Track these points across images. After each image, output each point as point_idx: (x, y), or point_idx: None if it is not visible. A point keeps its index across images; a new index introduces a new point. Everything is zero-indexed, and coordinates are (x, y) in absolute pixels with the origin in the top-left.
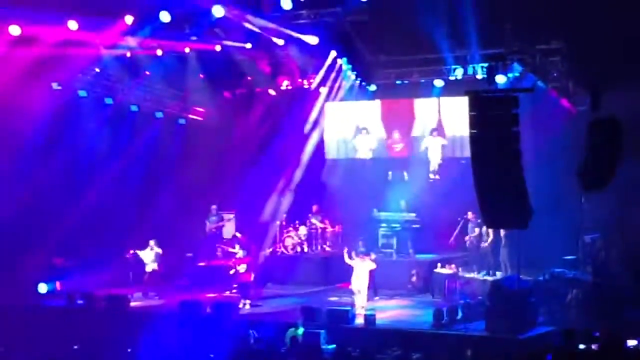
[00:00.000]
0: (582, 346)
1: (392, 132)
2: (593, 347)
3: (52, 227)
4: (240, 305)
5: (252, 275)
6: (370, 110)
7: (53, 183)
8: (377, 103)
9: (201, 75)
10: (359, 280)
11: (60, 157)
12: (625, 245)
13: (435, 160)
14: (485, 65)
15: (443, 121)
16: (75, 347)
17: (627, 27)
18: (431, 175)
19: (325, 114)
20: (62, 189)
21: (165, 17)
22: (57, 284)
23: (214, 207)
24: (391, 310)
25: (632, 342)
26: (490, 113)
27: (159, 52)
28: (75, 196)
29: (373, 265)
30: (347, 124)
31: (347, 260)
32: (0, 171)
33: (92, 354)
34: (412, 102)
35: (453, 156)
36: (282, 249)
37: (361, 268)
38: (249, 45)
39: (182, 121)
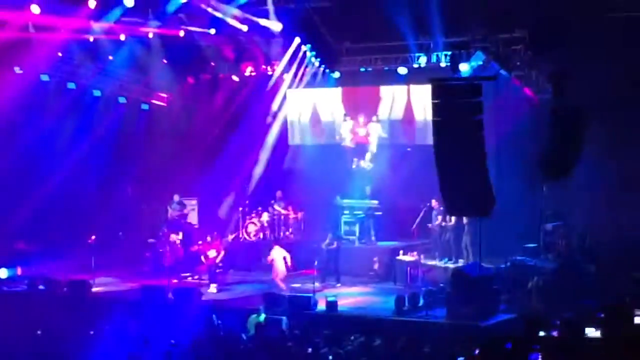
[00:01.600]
0: (542, 333)
1: (356, 116)
2: (553, 334)
3: (14, 212)
4: (210, 290)
5: (220, 257)
6: (334, 96)
7: (15, 167)
8: (339, 90)
9: (164, 61)
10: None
11: (22, 142)
12: (585, 234)
13: (399, 146)
14: (449, 53)
15: (413, 105)
16: (39, 332)
17: (589, 15)
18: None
19: (288, 100)
20: (24, 173)
21: (128, 2)
22: (18, 269)
23: (176, 196)
24: (353, 297)
25: (590, 330)
26: (454, 101)
27: (122, 37)
28: (37, 181)
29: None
30: (312, 110)
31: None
32: None
33: (53, 339)
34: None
35: (423, 143)
36: (245, 236)
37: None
38: (212, 31)
39: (145, 106)
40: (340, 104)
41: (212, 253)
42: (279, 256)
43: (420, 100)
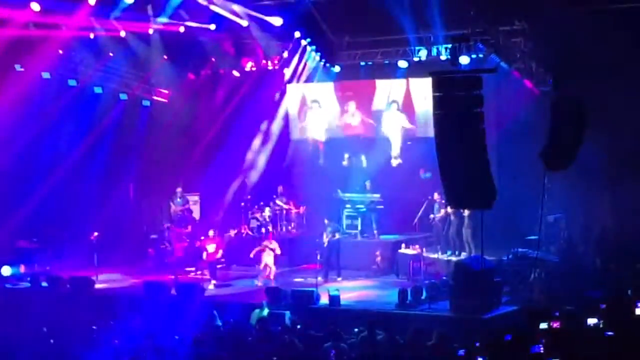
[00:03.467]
0: (543, 325)
1: (346, 105)
2: (554, 325)
3: (16, 210)
4: (209, 286)
5: (220, 253)
6: (329, 89)
7: (16, 165)
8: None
9: (165, 57)
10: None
11: (24, 139)
12: (587, 225)
13: (396, 141)
14: (449, 46)
15: (412, 96)
16: (44, 329)
17: (589, 7)
18: (393, 161)
19: (288, 95)
20: (26, 171)
21: None
22: (21, 267)
23: (179, 189)
24: (356, 291)
25: (592, 321)
26: (454, 94)
27: (123, 34)
28: (39, 178)
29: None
30: (310, 104)
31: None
32: None
33: (57, 336)
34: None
35: (425, 136)
36: (247, 231)
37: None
38: (213, 27)
39: (146, 103)
40: (334, 96)
41: (211, 248)
42: (269, 256)
43: (421, 92)
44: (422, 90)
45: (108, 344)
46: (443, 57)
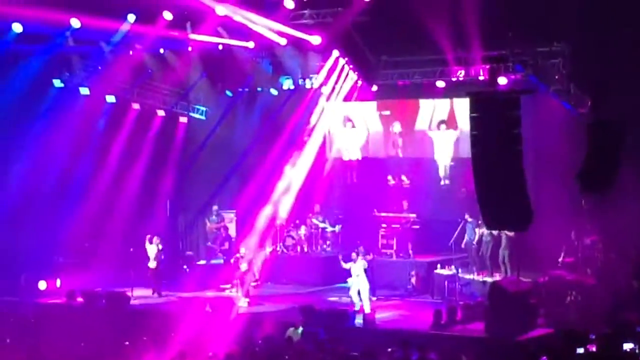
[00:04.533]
0: (580, 350)
1: (390, 126)
2: (590, 348)
3: (54, 225)
4: (240, 304)
5: (255, 274)
6: (370, 108)
7: (55, 180)
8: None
9: (203, 74)
10: (357, 284)
11: (62, 154)
12: (624, 247)
13: (443, 160)
14: (487, 66)
15: (457, 116)
16: (82, 344)
17: (629, 29)
18: (442, 182)
19: (326, 114)
20: (64, 187)
21: (168, 15)
22: (57, 281)
23: (215, 207)
24: (391, 311)
25: (628, 346)
26: (492, 114)
27: (162, 51)
28: (76, 194)
29: (365, 264)
30: (349, 123)
31: (342, 264)
32: (2, 167)
33: (92, 352)
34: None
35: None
36: (283, 249)
37: (357, 271)
38: (251, 45)
39: (183, 119)
40: (376, 116)
41: (244, 267)
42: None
43: (465, 112)
44: (467, 110)
45: None
46: (481, 78)
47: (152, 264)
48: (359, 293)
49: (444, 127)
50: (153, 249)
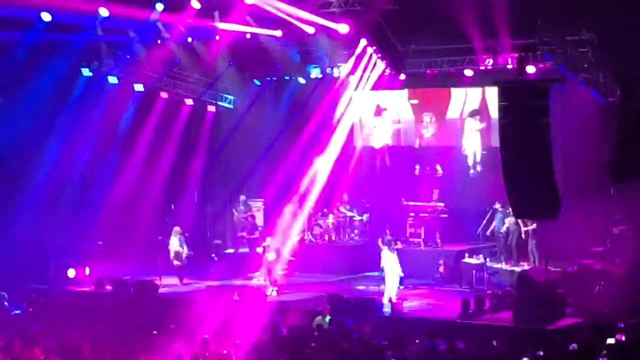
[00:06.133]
0: (610, 340)
1: (422, 115)
2: (620, 338)
3: (82, 213)
4: (268, 293)
5: (283, 263)
6: (400, 97)
7: (84, 168)
8: (405, 91)
9: (231, 63)
10: (386, 269)
11: (91, 143)
12: None
13: (471, 149)
14: (516, 55)
15: (488, 101)
16: (110, 332)
17: None
18: (471, 171)
19: (354, 102)
20: (93, 175)
21: (196, 4)
22: (86, 269)
23: (242, 197)
24: (418, 300)
25: None
26: (521, 104)
27: (190, 40)
28: (105, 182)
29: (393, 254)
30: (378, 113)
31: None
32: (32, 156)
33: (120, 341)
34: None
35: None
36: (310, 238)
37: (387, 259)
38: (279, 33)
39: (211, 109)
40: (408, 105)
41: (271, 256)
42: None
43: (496, 101)
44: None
45: (169, 349)
46: (510, 66)
47: (176, 261)
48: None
49: (475, 116)
50: (175, 242)
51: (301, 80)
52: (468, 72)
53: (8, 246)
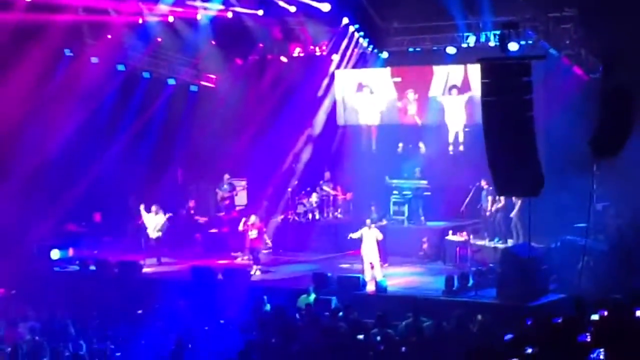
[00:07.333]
0: (595, 317)
1: (404, 92)
2: (602, 314)
3: (65, 194)
4: (252, 272)
5: (267, 241)
6: (382, 75)
7: (65, 149)
8: (388, 69)
9: (213, 42)
10: (369, 251)
11: (73, 124)
12: (636, 214)
13: (456, 128)
14: (498, 32)
15: (470, 78)
16: (95, 312)
17: None
18: (451, 148)
19: (336, 81)
20: (75, 155)
21: None
22: (70, 250)
23: (226, 176)
24: (402, 277)
25: None
26: (503, 81)
27: (171, 19)
28: (87, 162)
29: (380, 235)
30: (360, 90)
31: (352, 235)
32: (12, 137)
33: (104, 319)
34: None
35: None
36: (294, 216)
37: (368, 238)
38: (260, 12)
39: (194, 88)
40: (390, 82)
41: (253, 234)
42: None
43: (479, 78)
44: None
45: (153, 328)
46: (492, 44)
47: (153, 234)
48: (370, 261)
49: (455, 92)
50: (152, 218)
51: (283, 59)
52: (450, 50)
53: None
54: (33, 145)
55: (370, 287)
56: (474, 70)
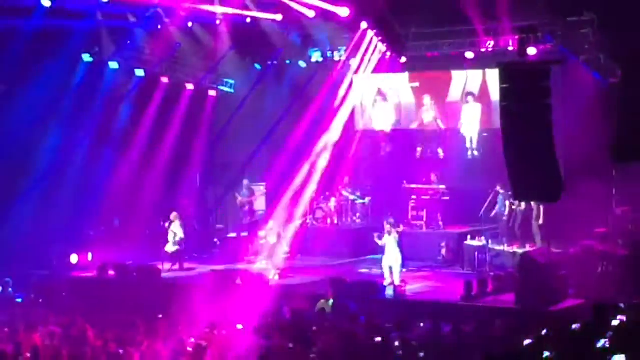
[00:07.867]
0: (614, 322)
1: (422, 97)
2: (621, 319)
3: (84, 199)
4: (270, 277)
5: (285, 246)
6: (401, 80)
7: (86, 154)
8: (406, 74)
9: (231, 47)
10: (389, 255)
11: (92, 128)
12: None
13: (470, 132)
14: (517, 37)
15: (488, 83)
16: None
17: None
18: (470, 152)
19: (354, 86)
20: (95, 160)
21: None
22: (89, 255)
23: (245, 181)
24: (421, 282)
25: None
26: (522, 85)
27: (190, 24)
28: (106, 167)
29: (396, 237)
30: (378, 95)
31: (378, 242)
32: (35, 142)
33: (125, 326)
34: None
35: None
36: (313, 221)
37: (390, 244)
38: (279, 17)
39: (212, 93)
40: (408, 87)
41: (272, 239)
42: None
43: (497, 83)
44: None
45: (172, 333)
46: (510, 48)
47: (171, 248)
48: (390, 266)
49: (471, 99)
50: (173, 227)
51: (302, 64)
52: (469, 55)
53: (11, 233)
54: (54, 149)
55: (389, 292)
56: (493, 75)
